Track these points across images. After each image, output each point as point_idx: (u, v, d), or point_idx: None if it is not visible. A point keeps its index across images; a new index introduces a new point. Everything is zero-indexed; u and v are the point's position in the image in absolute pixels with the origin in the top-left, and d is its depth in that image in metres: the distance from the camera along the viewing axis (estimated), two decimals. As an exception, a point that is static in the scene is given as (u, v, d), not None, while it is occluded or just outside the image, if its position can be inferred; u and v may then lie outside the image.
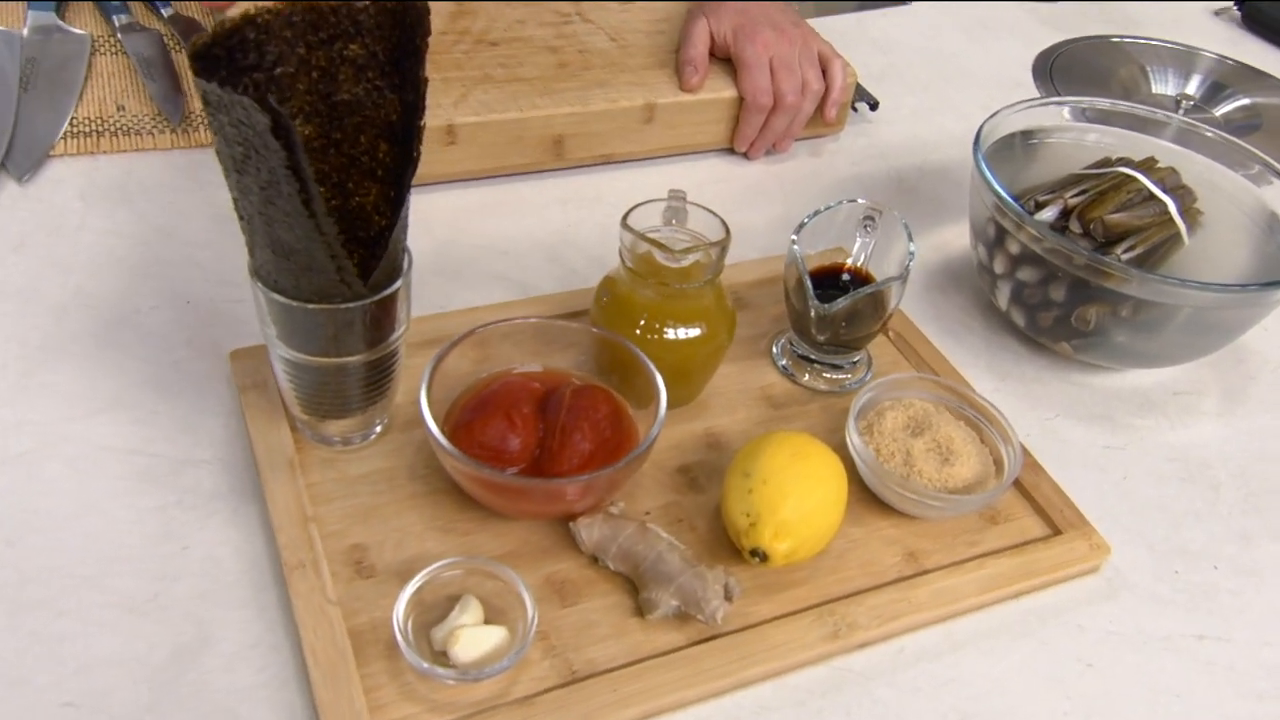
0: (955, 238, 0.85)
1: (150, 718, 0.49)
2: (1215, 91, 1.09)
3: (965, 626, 0.58)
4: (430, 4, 0.53)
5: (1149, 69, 1.12)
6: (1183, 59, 1.12)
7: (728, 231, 0.61)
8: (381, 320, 0.56)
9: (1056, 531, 0.62)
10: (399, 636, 0.50)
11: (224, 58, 0.48)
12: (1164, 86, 1.10)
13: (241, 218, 0.52)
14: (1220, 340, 0.74)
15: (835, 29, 1.05)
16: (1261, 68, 1.13)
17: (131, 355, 0.65)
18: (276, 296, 0.53)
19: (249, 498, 0.58)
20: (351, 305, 0.53)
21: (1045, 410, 0.72)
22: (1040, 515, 0.64)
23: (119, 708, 0.49)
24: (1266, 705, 0.57)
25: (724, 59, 0.87)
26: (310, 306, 0.53)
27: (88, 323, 0.67)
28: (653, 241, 0.59)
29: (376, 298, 0.53)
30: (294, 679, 0.51)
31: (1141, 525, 0.66)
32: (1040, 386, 0.74)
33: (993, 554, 0.61)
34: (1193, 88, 1.10)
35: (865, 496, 0.62)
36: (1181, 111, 0.85)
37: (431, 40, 0.82)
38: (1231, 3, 1.25)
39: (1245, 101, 1.08)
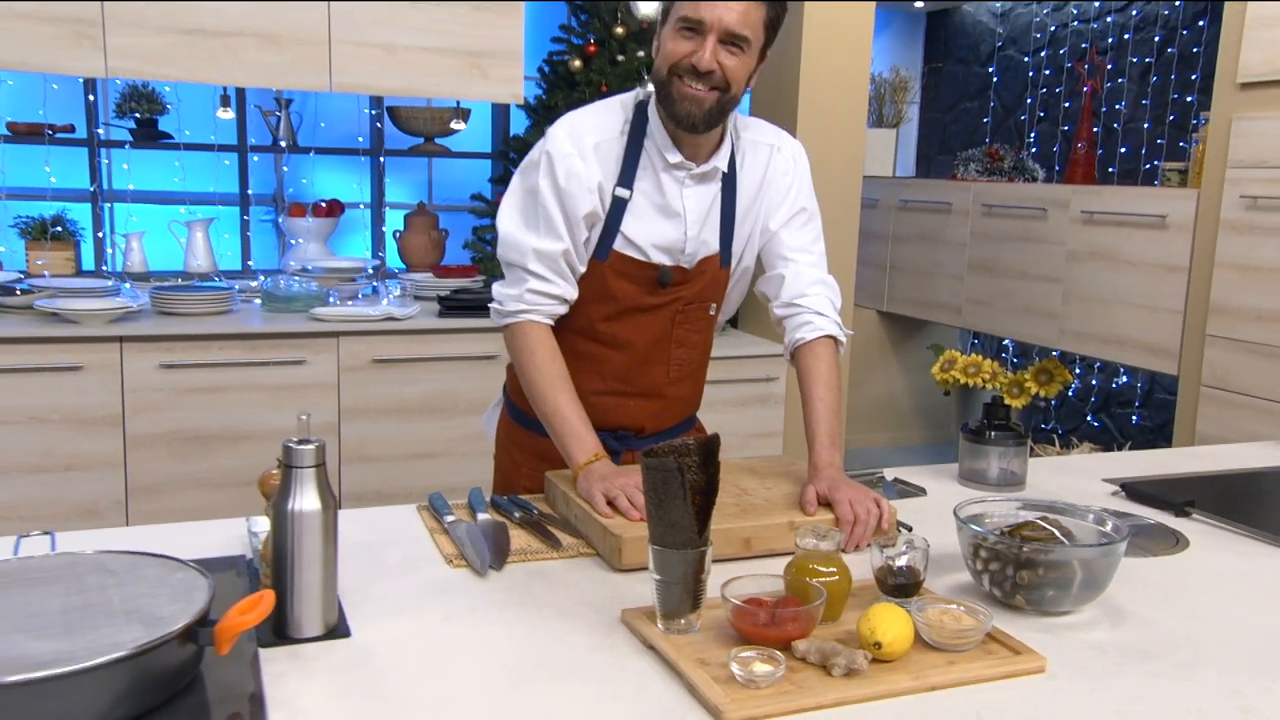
0: (959, 572, 1.60)
1: (630, 708, 1.19)
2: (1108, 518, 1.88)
3: (979, 689, 1.26)
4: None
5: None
6: (1083, 512, 1.93)
7: (841, 532, 1.40)
8: (703, 561, 1.33)
9: (1018, 653, 1.31)
10: (733, 665, 1.21)
11: (657, 455, 1.34)
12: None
13: (651, 516, 1.33)
14: (1097, 589, 1.46)
15: (882, 504, 1.89)
16: (1140, 515, 1.93)
17: (565, 620, 1.41)
18: (658, 548, 1.32)
19: (645, 656, 1.31)
20: (695, 550, 1.32)
21: (1017, 630, 1.43)
22: (1010, 649, 1.33)
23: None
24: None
25: (824, 504, 1.71)
26: (677, 550, 1.31)
27: (545, 608, 1.44)
28: (812, 532, 1.38)
29: (703, 548, 1.32)
30: (688, 698, 1.21)
31: (1067, 660, 1.34)
32: (1011, 624, 1.45)
33: (988, 659, 1.29)
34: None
35: (922, 646, 1.32)
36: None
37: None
38: (1119, 487, 2.09)
39: (1125, 523, 1.86)
